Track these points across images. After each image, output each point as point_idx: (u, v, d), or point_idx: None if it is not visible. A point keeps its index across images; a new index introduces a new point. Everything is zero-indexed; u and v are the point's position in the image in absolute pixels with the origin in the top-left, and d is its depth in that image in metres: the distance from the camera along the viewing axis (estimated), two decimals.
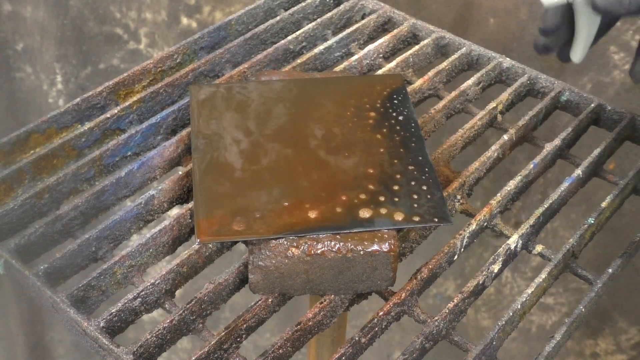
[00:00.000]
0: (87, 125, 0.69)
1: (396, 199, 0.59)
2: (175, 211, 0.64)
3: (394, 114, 0.67)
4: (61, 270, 0.60)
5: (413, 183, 0.61)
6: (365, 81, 0.71)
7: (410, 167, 0.62)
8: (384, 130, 0.65)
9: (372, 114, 0.67)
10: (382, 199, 0.59)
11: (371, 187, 0.60)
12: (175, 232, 0.63)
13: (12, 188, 0.65)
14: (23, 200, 0.63)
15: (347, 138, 0.64)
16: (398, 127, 0.66)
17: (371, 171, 0.61)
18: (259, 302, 0.58)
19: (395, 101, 0.68)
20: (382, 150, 0.63)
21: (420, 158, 0.63)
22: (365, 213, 0.58)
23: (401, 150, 0.63)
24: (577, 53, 0.68)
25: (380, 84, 0.69)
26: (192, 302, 0.57)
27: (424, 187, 0.60)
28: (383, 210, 0.58)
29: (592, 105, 0.76)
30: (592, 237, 0.69)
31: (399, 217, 0.58)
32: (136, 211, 0.63)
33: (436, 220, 0.58)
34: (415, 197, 0.59)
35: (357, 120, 0.66)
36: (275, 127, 0.65)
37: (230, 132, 0.64)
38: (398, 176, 0.61)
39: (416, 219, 0.58)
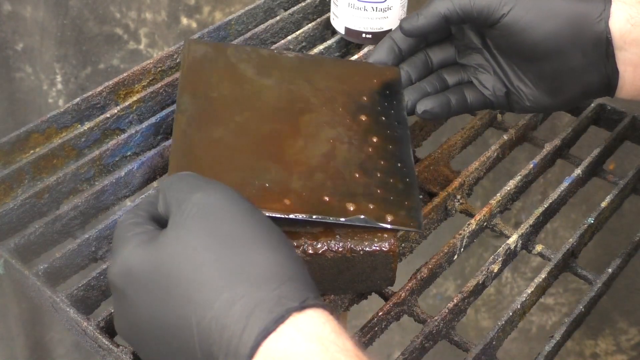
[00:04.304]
0: (87, 125, 0.69)
1: (371, 197, 0.57)
2: None
3: (385, 108, 0.65)
4: (61, 270, 0.60)
5: (391, 182, 0.59)
6: (362, 68, 0.69)
7: (391, 167, 0.60)
8: (371, 123, 0.63)
9: (363, 104, 0.65)
10: (357, 193, 0.57)
11: (349, 180, 0.58)
12: None
13: (12, 188, 0.65)
14: (23, 200, 0.63)
15: (335, 124, 0.62)
16: (386, 122, 0.64)
17: (353, 163, 0.60)
18: None
19: (388, 94, 0.67)
20: (364, 143, 0.61)
21: (403, 159, 0.61)
22: (338, 204, 0.56)
23: (384, 146, 0.62)
24: None
25: (377, 75, 0.68)
26: None
27: (401, 189, 0.59)
28: (356, 205, 0.57)
29: (592, 105, 0.76)
30: (592, 237, 0.69)
31: (370, 214, 0.56)
32: None
33: (405, 223, 0.57)
34: (391, 198, 0.58)
35: (347, 107, 0.64)
36: (266, 102, 0.63)
37: (218, 99, 0.63)
38: (377, 174, 0.59)
39: (388, 219, 0.56)
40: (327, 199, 0.57)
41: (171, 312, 0.44)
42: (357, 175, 0.59)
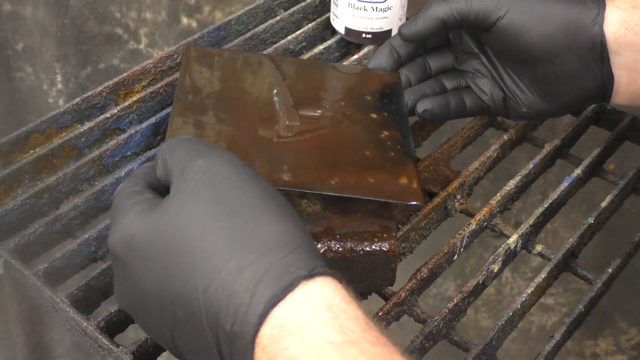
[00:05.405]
0: (87, 125, 0.69)
1: (373, 175, 0.58)
2: None
3: (385, 105, 0.65)
4: (61, 270, 0.60)
5: (393, 161, 0.59)
6: (363, 72, 0.70)
7: (393, 151, 0.61)
8: (372, 117, 0.64)
9: (364, 102, 0.65)
10: (358, 172, 0.58)
11: (350, 161, 0.59)
12: None
13: (12, 188, 0.65)
14: (23, 200, 0.63)
15: (333, 115, 0.63)
16: (387, 116, 0.64)
17: (354, 148, 0.60)
18: None
19: (388, 93, 0.66)
20: (366, 134, 0.62)
21: (405, 145, 0.62)
22: (341, 181, 0.57)
23: (385, 137, 0.62)
24: None
25: (378, 79, 0.68)
26: None
27: (402, 169, 0.59)
28: (357, 183, 0.57)
29: (592, 105, 0.76)
30: (592, 237, 0.69)
31: (373, 191, 0.56)
32: None
33: (408, 198, 0.57)
34: (393, 177, 0.58)
35: (348, 104, 0.65)
36: (265, 101, 0.64)
37: (218, 96, 0.63)
38: (379, 157, 0.60)
39: (391, 195, 0.57)
40: (330, 175, 0.57)
41: (176, 281, 0.43)
42: (359, 157, 0.60)
